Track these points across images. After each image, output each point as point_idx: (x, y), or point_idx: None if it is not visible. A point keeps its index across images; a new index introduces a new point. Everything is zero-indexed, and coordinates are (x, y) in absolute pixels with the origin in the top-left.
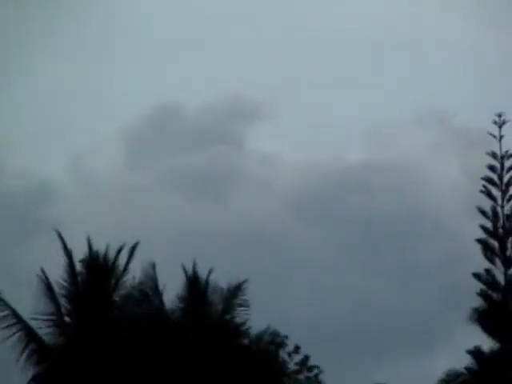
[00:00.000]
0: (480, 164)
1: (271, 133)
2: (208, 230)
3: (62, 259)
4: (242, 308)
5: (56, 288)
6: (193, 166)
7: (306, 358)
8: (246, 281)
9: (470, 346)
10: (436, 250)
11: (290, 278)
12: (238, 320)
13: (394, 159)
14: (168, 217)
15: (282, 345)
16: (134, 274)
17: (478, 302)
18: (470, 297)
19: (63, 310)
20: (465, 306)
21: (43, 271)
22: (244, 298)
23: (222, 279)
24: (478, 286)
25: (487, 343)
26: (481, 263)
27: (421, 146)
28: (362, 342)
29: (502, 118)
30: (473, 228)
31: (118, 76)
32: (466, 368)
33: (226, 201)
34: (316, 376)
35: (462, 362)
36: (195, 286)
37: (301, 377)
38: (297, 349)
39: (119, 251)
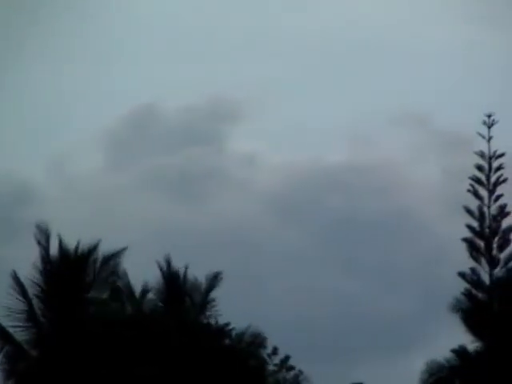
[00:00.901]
0: (460, 164)
1: (252, 133)
2: (187, 229)
3: (37, 258)
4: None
5: (30, 287)
6: (173, 166)
7: (287, 358)
8: (221, 272)
9: (449, 346)
10: (416, 250)
11: (268, 278)
12: (218, 318)
13: (374, 160)
14: (147, 217)
15: (262, 345)
16: (114, 272)
17: (458, 302)
18: (451, 297)
19: (37, 310)
20: (445, 307)
21: (15, 271)
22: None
23: (200, 278)
24: (459, 286)
25: (468, 343)
26: (461, 263)
27: (401, 147)
28: (341, 342)
29: (491, 119)
30: (453, 228)
31: (100, 77)
32: (448, 362)
33: (205, 201)
34: (296, 377)
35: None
36: (173, 283)
37: (280, 376)
38: (275, 350)
39: (94, 249)
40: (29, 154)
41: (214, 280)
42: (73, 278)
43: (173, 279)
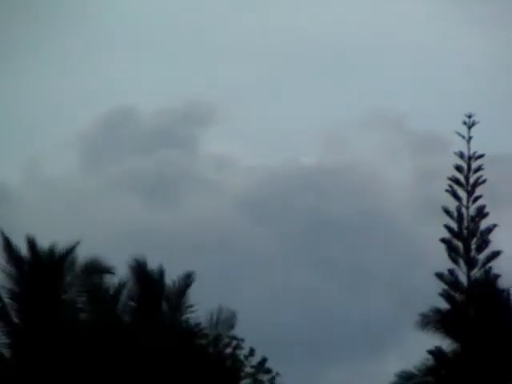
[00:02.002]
0: (434, 165)
1: (225, 136)
2: (161, 231)
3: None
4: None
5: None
6: (147, 168)
7: (264, 360)
8: (193, 272)
9: (422, 348)
10: (390, 251)
11: (240, 278)
12: (192, 319)
13: (347, 161)
14: (120, 219)
15: (238, 347)
16: (84, 274)
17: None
18: (424, 299)
19: (11, 311)
20: (418, 308)
21: None
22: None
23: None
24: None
25: (444, 344)
26: (435, 264)
27: (375, 149)
28: (314, 343)
29: (471, 119)
30: (427, 229)
31: (75, 79)
32: (422, 368)
33: (179, 203)
34: (272, 379)
35: (413, 363)
36: (147, 284)
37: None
38: (252, 351)
39: (71, 251)
40: (3, 155)
41: (188, 280)
42: (47, 281)
43: (147, 280)
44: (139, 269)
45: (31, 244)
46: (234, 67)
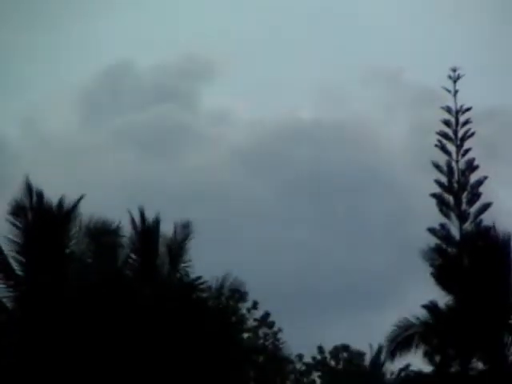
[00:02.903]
0: (429, 120)
1: (224, 91)
2: (159, 184)
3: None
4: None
5: (4, 244)
6: (145, 123)
7: (267, 314)
8: (191, 221)
9: (420, 301)
10: (384, 205)
11: (239, 228)
12: (191, 271)
13: (344, 116)
14: (119, 172)
15: (241, 299)
16: (87, 227)
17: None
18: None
19: (15, 264)
20: (414, 262)
21: None
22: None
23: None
24: (429, 240)
25: (438, 298)
26: (431, 218)
27: (370, 103)
28: (313, 295)
29: (456, 73)
30: (422, 183)
31: (74, 35)
32: (418, 320)
33: (177, 156)
34: (275, 334)
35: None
36: (146, 236)
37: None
38: (255, 304)
39: (76, 204)
40: (2, 111)
41: (186, 229)
42: (53, 234)
43: (146, 231)
44: (139, 221)
45: (39, 196)
46: (234, 22)
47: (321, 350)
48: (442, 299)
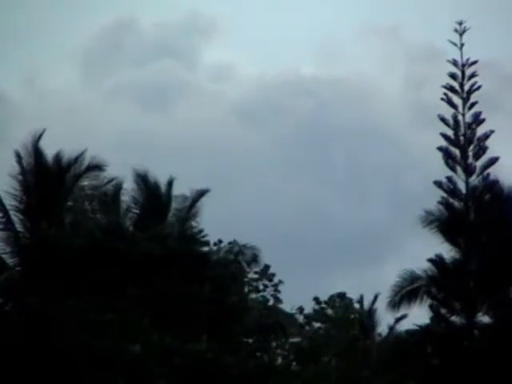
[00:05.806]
0: (431, 74)
1: (224, 46)
2: (159, 138)
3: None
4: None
5: (6, 199)
6: (145, 79)
7: (267, 267)
8: (207, 190)
9: (424, 256)
10: (385, 159)
11: (238, 182)
12: (195, 227)
13: (344, 71)
14: (119, 128)
15: (240, 253)
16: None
17: (429, 215)
18: (423, 207)
19: (17, 222)
20: (414, 215)
21: None
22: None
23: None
24: (432, 195)
25: (444, 253)
26: (431, 172)
27: (372, 58)
28: (312, 250)
29: (462, 26)
30: (423, 137)
31: None
32: (424, 272)
33: (176, 111)
34: (275, 285)
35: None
36: (153, 194)
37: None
38: (255, 257)
39: (76, 159)
40: (4, 67)
41: (200, 196)
42: (54, 188)
43: (152, 190)
44: (141, 176)
45: (39, 151)
46: None
47: (317, 300)
48: (448, 253)
